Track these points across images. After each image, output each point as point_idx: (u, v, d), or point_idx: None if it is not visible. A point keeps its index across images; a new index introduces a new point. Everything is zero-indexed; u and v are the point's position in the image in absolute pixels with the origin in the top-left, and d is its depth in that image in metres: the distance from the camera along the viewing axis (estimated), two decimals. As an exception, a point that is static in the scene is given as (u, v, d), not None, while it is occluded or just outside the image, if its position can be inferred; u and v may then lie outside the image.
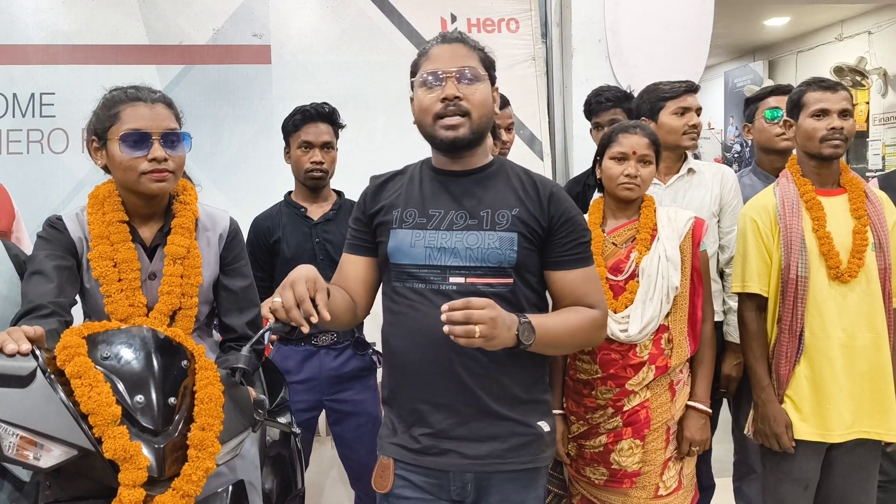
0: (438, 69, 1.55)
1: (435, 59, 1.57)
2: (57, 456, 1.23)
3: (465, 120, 1.54)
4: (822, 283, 2.04)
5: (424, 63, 1.59)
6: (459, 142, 1.55)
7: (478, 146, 1.61)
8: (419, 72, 1.59)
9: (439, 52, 1.58)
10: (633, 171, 2.01)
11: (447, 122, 1.54)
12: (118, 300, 1.64)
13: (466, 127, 1.54)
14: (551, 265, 1.59)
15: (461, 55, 1.57)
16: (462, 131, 1.54)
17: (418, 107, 1.59)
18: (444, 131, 1.54)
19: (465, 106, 1.54)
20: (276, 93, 3.24)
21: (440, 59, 1.56)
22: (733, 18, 6.68)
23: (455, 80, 1.54)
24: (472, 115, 1.54)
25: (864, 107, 6.78)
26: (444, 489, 1.57)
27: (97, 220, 1.67)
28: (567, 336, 1.55)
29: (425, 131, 1.59)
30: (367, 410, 2.52)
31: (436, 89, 1.55)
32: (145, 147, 1.61)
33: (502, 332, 1.39)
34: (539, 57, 3.40)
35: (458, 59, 1.56)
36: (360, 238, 1.67)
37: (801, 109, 2.11)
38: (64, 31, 3.17)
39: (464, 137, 1.55)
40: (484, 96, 1.56)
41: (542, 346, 1.50)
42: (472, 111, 1.54)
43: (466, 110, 1.54)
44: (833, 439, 2.03)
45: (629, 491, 1.99)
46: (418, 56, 1.62)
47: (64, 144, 3.14)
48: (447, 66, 1.55)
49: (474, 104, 1.54)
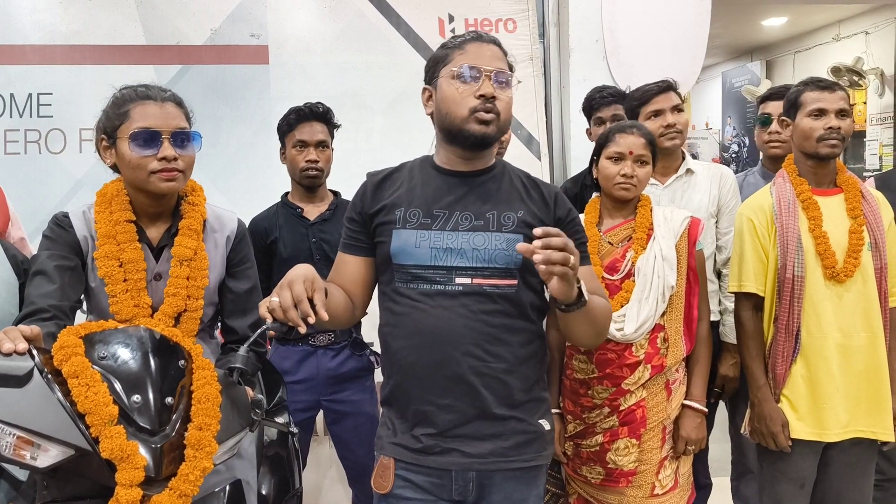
0: (478, 65, 1.55)
1: (473, 55, 1.57)
2: (54, 456, 1.23)
3: (495, 118, 1.56)
4: (819, 283, 2.05)
5: (459, 56, 1.58)
6: (488, 138, 1.57)
7: (493, 148, 1.64)
8: (452, 63, 1.58)
9: (478, 49, 1.58)
10: (629, 170, 2.02)
11: (483, 117, 1.55)
12: (123, 300, 1.64)
13: (495, 126, 1.56)
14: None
15: (498, 57, 1.59)
16: (491, 128, 1.56)
17: (449, 97, 1.57)
18: (478, 125, 1.55)
19: (498, 107, 1.56)
20: (274, 93, 3.24)
21: (479, 57, 1.57)
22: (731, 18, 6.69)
23: (492, 79, 1.55)
24: (501, 117, 1.57)
25: (862, 107, 6.79)
26: (446, 489, 1.57)
27: (104, 218, 1.66)
28: (599, 314, 1.57)
29: (451, 123, 1.58)
30: (364, 411, 2.52)
31: (472, 84, 1.55)
32: (155, 146, 1.61)
33: (573, 280, 1.41)
34: (536, 57, 3.40)
35: (496, 60, 1.58)
36: (357, 238, 1.66)
37: (799, 109, 2.11)
38: (61, 31, 3.17)
39: (492, 135, 1.57)
40: (510, 101, 1.60)
41: (584, 315, 1.50)
42: (501, 113, 1.57)
43: (498, 111, 1.56)
44: (829, 438, 2.04)
45: (625, 490, 1.99)
46: (448, 48, 1.61)
47: (61, 144, 3.14)
48: (486, 65, 1.56)
49: (503, 108, 1.57)
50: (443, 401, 1.55)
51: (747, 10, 6.55)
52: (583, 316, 1.50)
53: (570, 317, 1.50)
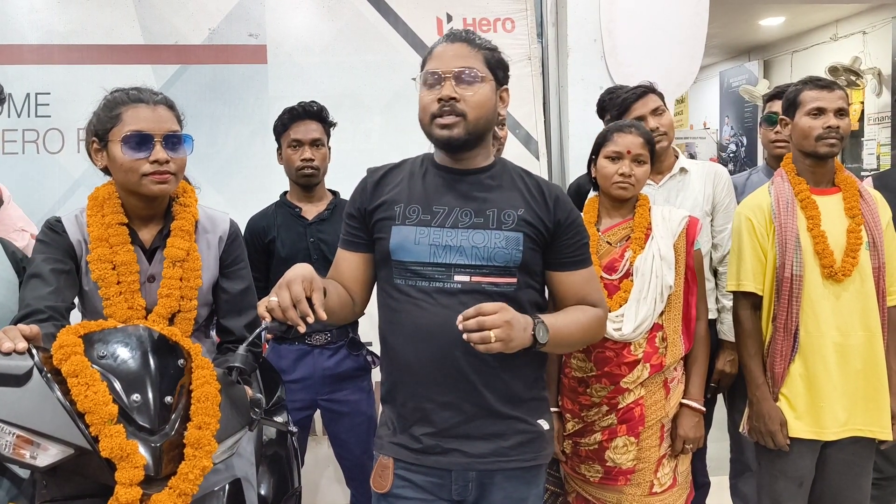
0: (438, 69, 1.55)
1: (437, 58, 1.57)
2: (53, 455, 1.23)
3: (459, 120, 1.54)
4: (817, 282, 2.05)
5: (428, 61, 1.59)
6: (454, 141, 1.55)
7: (477, 147, 1.61)
8: (423, 69, 1.59)
9: (442, 51, 1.58)
10: (627, 170, 2.02)
11: (441, 122, 1.54)
12: (117, 303, 1.64)
13: (461, 127, 1.54)
14: (555, 266, 1.61)
15: (462, 55, 1.56)
16: (456, 131, 1.54)
17: (420, 104, 1.59)
18: (439, 130, 1.55)
19: (461, 107, 1.53)
20: (272, 93, 3.24)
21: (441, 59, 1.57)
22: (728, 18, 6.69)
23: (453, 80, 1.54)
24: (468, 117, 1.54)
25: (859, 106, 6.79)
26: (446, 488, 1.58)
27: (96, 222, 1.66)
28: (578, 334, 1.58)
29: (424, 130, 1.60)
30: (361, 410, 2.52)
31: (434, 89, 1.55)
32: (147, 149, 1.61)
33: (518, 334, 1.41)
34: (535, 57, 3.40)
35: (458, 59, 1.56)
36: (356, 234, 1.66)
37: (798, 108, 2.11)
38: (59, 30, 3.17)
39: (458, 137, 1.55)
40: (483, 98, 1.56)
41: (555, 345, 1.52)
42: (467, 112, 1.54)
43: (462, 111, 1.54)
44: (827, 437, 2.05)
45: (624, 488, 2.00)
46: (426, 54, 1.62)
47: (59, 144, 3.13)
48: (446, 67, 1.55)
49: (470, 105, 1.54)
50: (442, 398, 1.55)
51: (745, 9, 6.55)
52: (553, 346, 1.53)
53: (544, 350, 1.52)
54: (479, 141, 1.60)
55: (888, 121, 6.55)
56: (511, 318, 1.40)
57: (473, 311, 1.38)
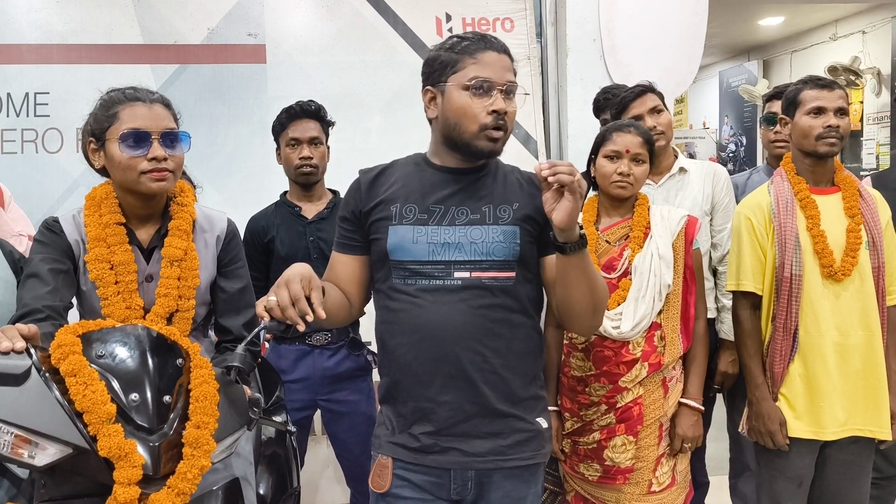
0: (492, 79, 1.53)
1: (487, 66, 1.54)
2: (52, 454, 1.22)
3: (503, 135, 1.56)
4: (816, 282, 2.05)
5: (472, 66, 1.54)
6: (496, 154, 1.58)
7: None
8: (463, 71, 1.54)
9: (491, 59, 1.55)
10: (626, 169, 2.02)
11: (493, 135, 1.54)
12: (115, 303, 1.64)
13: (502, 142, 1.57)
14: (549, 249, 1.59)
15: (509, 68, 1.57)
16: (499, 146, 1.57)
17: (459, 110, 1.54)
18: (487, 142, 1.54)
19: (507, 123, 1.55)
20: (272, 92, 3.24)
21: (493, 69, 1.54)
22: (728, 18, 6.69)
23: (502, 94, 1.54)
24: (507, 131, 1.57)
25: (859, 106, 6.80)
26: (445, 488, 1.57)
27: (94, 222, 1.66)
28: (598, 281, 1.54)
29: (460, 136, 1.55)
30: (361, 410, 2.52)
31: (484, 98, 1.53)
32: (145, 146, 1.60)
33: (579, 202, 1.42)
34: (534, 56, 3.41)
35: (507, 72, 1.56)
36: (351, 237, 1.65)
37: (797, 107, 2.11)
38: (58, 30, 3.16)
39: (500, 150, 1.58)
40: (515, 113, 1.59)
41: (584, 269, 1.49)
42: (509, 127, 1.56)
43: (507, 126, 1.56)
44: (827, 437, 2.04)
45: (622, 487, 2.00)
46: (457, 52, 1.55)
47: (58, 144, 3.13)
48: (500, 79, 1.54)
49: (510, 119, 1.56)
50: (442, 397, 1.55)
51: (744, 9, 6.55)
52: (582, 270, 1.49)
53: (571, 265, 1.48)
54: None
55: (887, 120, 6.55)
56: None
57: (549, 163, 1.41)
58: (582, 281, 1.51)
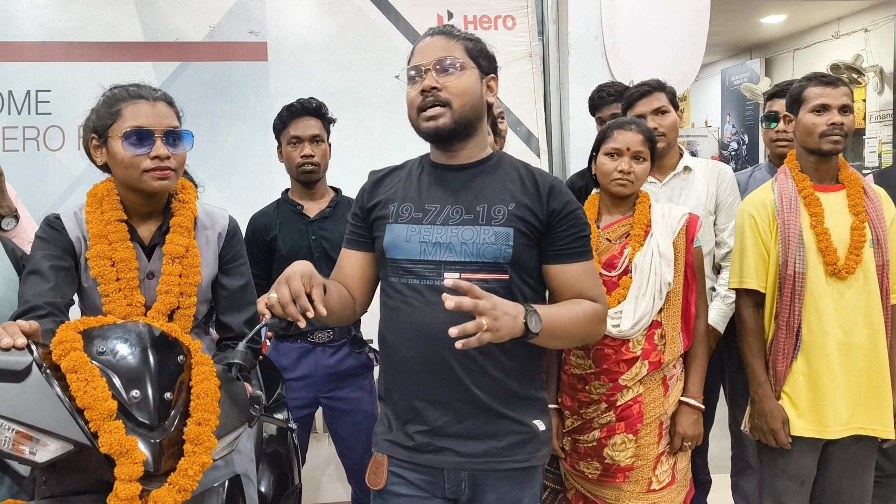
0: (418, 62, 1.57)
1: (417, 54, 1.59)
2: (53, 451, 1.22)
3: (444, 110, 1.53)
4: (820, 280, 2.04)
5: (410, 59, 1.61)
6: (441, 131, 1.55)
7: (468, 138, 1.59)
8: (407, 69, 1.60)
9: (421, 46, 1.60)
10: (626, 167, 2.02)
11: (427, 114, 1.54)
12: (116, 299, 1.64)
13: (447, 117, 1.54)
14: (552, 259, 1.57)
15: (441, 47, 1.57)
16: (442, 121, 1.54)
17: (407, 101, 1.60)
18: (425, 122, 1.55)
19: (444, 96, 1.53)
20: (273, 90, 3.24)
21: (421, 53, 1.58)
22: (730, 16, 6.68)
23: (434, 71, 1.54)
24: (453, 105, 1.53)
25: (861, 104, 6.78)
26: (439, 487, 1.57)
27: (95, 218, 1.66)
28: (573, 327, 1.51)
29: (413, 126, 1.60)
30: (362, 408, 2.52)
31: (417, 83, 1.56)
32: (148, 144, 1.61)
33: (507, 322, 1.34)
34: (536, 54, 3.40)
35: (436, 50, 1.56)
36: (358, 233, 1.67)
37: (801, 104, 2.10)
38: (60, 28, 3.17)
39: (444, 127, 1.54)
40: (466, 85, 1.55)
41: (548, 337, 1.45)
42: (452, 100, 1.53)
43: (446, 100, 1.53)
44: (829, 436, 2.04)
45: (622, 485, 1.99)
46: (409, 54, 1.64)
47: (60, 142, 3.14)
48: (425, 59, 1.56)
49: (454, 93, 1.53)
50: (434, 397, 1.54)
51: (746, 7, 6.54)
52: (547, 338, 1.45)
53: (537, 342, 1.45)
54: (469, 131, 1.58)
55: (890, 118, 6.54)
56: (497, 302, 1.34)
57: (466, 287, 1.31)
58: (555, 342, 1.55)
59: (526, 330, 1.38)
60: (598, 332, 1.63)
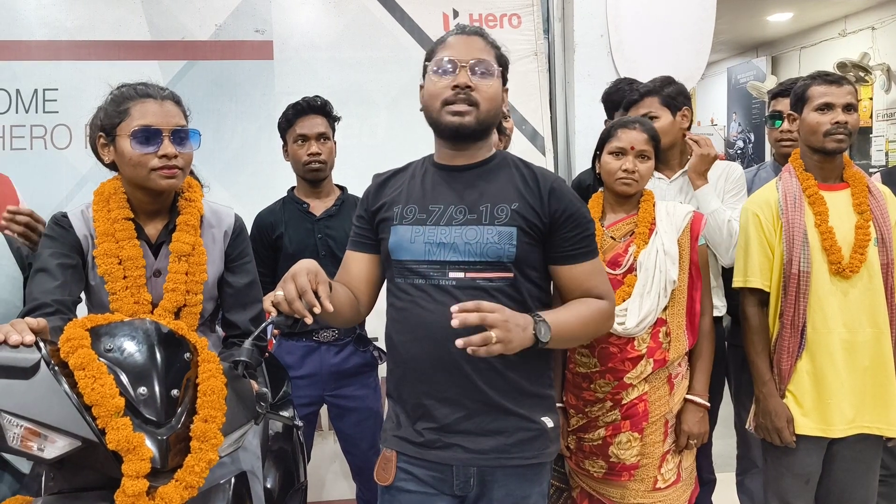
0: (454, 57, 1.55)
1: (451, 48, 1.57)
2: (61, 447, 1.23)
3: (472, 109, 1.54)
4: (824, 279, 2.04)
5: (440, 50, 1.59)
6: (464, 129, 1.55)
7: (482, 139, 1.61)
8: (434, 58, 1.58)
9: (456, 41, 1.58)
10: (630, 166, 2.02)
11: (454, 108, 1.54)
12: (123, 297, 1.65)
13: (473, 116, 1.55)
14: (558, 260, 1.59)
15: (478, 48, 1.57)
16: (468, 119, 1.55)
17: (428, 92, 1.59)
18: (450, 117, 1.55)
19: (475, 97, 1.54)
20: (279, 88, 3.24)
21: (457, 49, 1.57)
22: (736, 14, 6.66)
23: (469, 70, 1.54)
24: (481, 107, 1.55)
25: (868, 103, 6.76)
26: (447, 483, 1.58)
27: (102, 217, 1.67)
28: (581, 328, 1.55)
29: (431, 117, 1.59)
30: (367, 406, 2.53)
31: (448, 77, 1.55)
32: (156, 143, 1.61)
33: (517, 334, 1.38)
34: (541, 52, 3.39)
35: (474, 51, 1.57)
36: (363, 235, 1.68)
37: (806, 103, 2.10)
38: (66, 27, 3.17)
39: (468, 125, 1.55)
40: (495, 91, 1.57)
41: (558, 342, 1.49)
42: (480, 103, 1.55)
43: (476, 101, 1.54)
44: (834, 434, 2.04)
45: (627, 484, 1.99)
46: (435, 44, 1.62)
47: (67, 140, 3.14)
48: (463, 56, 1.55)
49: (484, 97, 1.55)
50: (443, 394, 1.55)
51: (752, 5, 6.52)
52: (557, 343, 1.49)
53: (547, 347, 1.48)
54: (485, 134, 1.61)
55: (897, 117, 6.51)
56: (509, 316, 1.37)
57: (473, 306, 1.35)
58: (564, 344, 1.58)
59: (536, 340, 1.43)
60: (607, 328, 1.67)
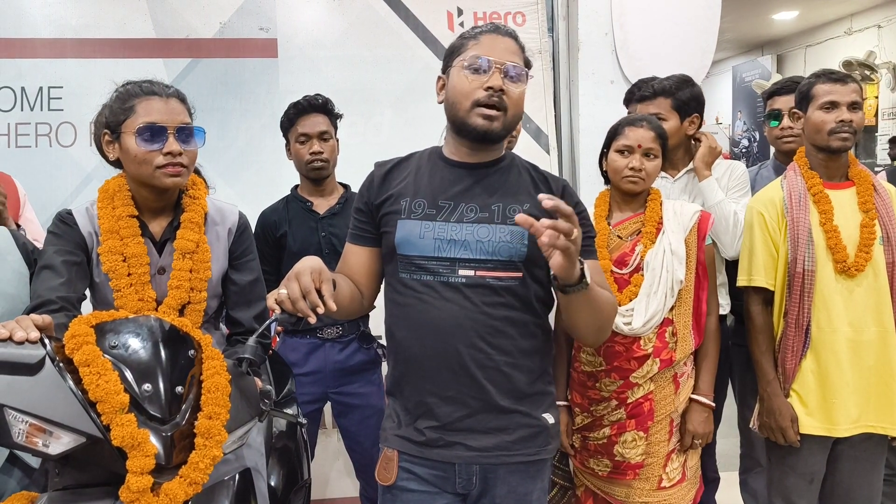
0: (491, 57, 1.53)
1: (486, 46, 1.55)
2: (65, 443, 1.23)
3: (500, 114, 1.54)
4: (829, 277, 2.03)
5: (473, 46, 1.55)
6: (492, 134, 1.55)
7: (501, 142, 1.61)
8: (465, 53, 1.55)
9: (492, 41, 1.56)
10: (637, 164, 2.02)
11: (486, 112, 1.53)
12: (127, 294, 1.65)
13: (500, 122, 1.54)
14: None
15: (512, 51, 1.56)
16: (496, 124, 1.54)
17: (457, 88, 1.55)
18: (481, 120, 1.53)
19: (506, 101, 1.53)
20: (283, 87, 3.24)
21: (492, 48, 1.54)
22: (741, 12, 6.65)
23: (503, 72, 1.53)
24: (508, 112, 1.54)
25: (873, 101, 6.74)
26: (450, 482, 1.58)
27: (107, 214, 1.68)
28: (602, 303, 1.53)
29: (456, 115, 1.56)
30: (371, 403, 2.53)
31: (481, 76, 1.53)
32: (161, 141, 1.62)
33: (575, 255, 1.36)
34: (545, 51, 3.39)
35: (509, 53, 1.55)
36: (364, 228, 1.66)
37: (810, 102, 2.10)
38: (71, 25, 3.18)
39: (496, 131, 1.55)
40: (521, 96, 1.57)
41: (587, 299, 1.46)
42: (508, 108, 1.54)
43: (505, 106, 1.53)
44: (839, 434, 2.03)
45: (632, 482, 1.99)
46: (463, 38, 1.59)
47: (72, 138, 3.15)
48: (499, 57, 1.53)
49: (512, 102, 1.54)
50: (446, 392, 1.55)
51: (758, 3, 6.51)
52: (585, 302, 1.47)
53: (572, 300, 1.46)
54: (505, 138, 1.61)
55: (902, 116, 6.49)
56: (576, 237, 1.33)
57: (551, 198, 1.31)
58: (585, 311, 1.51)
59: (581, 276, 1.41)
60: (612, 323, 1.64)
